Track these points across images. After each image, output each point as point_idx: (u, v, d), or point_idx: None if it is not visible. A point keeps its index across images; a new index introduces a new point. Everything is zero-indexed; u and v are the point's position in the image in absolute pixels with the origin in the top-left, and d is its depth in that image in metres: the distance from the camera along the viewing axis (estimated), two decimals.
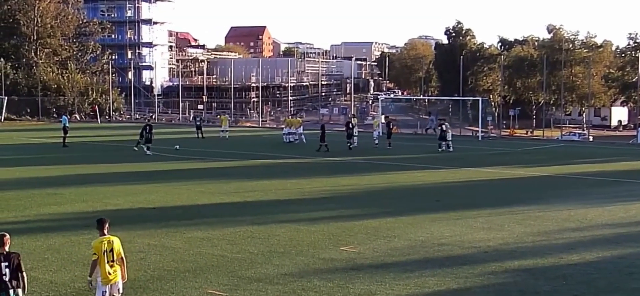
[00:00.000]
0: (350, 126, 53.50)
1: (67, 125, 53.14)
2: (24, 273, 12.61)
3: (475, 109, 78.31)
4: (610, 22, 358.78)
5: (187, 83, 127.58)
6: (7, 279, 12.32)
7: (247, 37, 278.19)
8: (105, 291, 13.38)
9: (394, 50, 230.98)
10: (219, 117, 75.48)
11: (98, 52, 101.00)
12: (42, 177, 35.20)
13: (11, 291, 12.38)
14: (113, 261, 13.40)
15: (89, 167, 39.74)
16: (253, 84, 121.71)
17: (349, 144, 51.75)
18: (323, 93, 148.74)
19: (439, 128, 55.01)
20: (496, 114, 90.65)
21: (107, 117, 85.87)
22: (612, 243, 21.87)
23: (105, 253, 13.31)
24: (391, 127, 55.18)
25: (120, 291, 13.71)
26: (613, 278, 18.04)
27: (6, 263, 12.37)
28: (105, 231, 13.54)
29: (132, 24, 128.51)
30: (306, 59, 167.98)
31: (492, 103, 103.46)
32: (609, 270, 18.71)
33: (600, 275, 18.23)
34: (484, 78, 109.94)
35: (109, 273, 13.34)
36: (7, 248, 12.56)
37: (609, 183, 36.86)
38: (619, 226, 24.83)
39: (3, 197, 28.82)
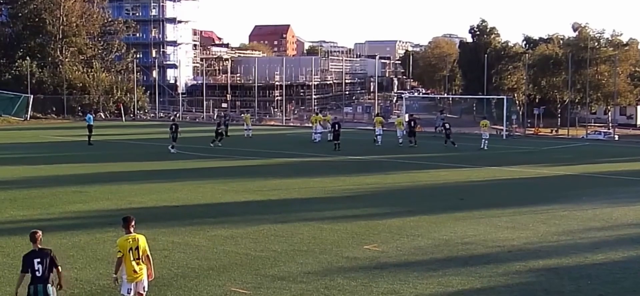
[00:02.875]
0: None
1: (92, 123, 53.20)
2: (59, 268, 13.05)
3: (499, 108, 78.08)
4: (637, 20, 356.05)
5: (211, 82, 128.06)
6: (39, 275, 12.73)
7: (271, 35, 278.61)
8: (131, 289, 13.52)
9: (417, 49, 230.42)
10: (242, 115, 75.71)
11: (123, 51, 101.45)
12: (67, 175, 35.43)
13: (49, 285, 12.80)
14: (139, 258, 13.53)
15: (113, 165, 39.96)
16: (277, 83, 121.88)
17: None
18: (347, 92, 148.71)
19: (442, 127, 55.68)
20: (521, 113, 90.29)
21: (131, 115, 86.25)
22: (638, 243, 21.74)
23: (131, 251, 13.44)
24: (412, 125, 55.11)
25: (146, 289, 13.86)
26: (639, 278, 17.92)
27: (38, 259, 12.79)
28: (131, 229, 13.69)
29: (157, 22, 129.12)
30: (330, 57, 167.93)
31: (517, 101, 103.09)
32: (635, 270, 18.60)
33: (625, 275, 18.13)
34: (509, 76, 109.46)
35: (135, 271, 13.47)
36: (39, 245, 13.06)
37: (634, 183, 36.59)
38: None
39: (29, 195, 29.07)
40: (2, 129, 68.21)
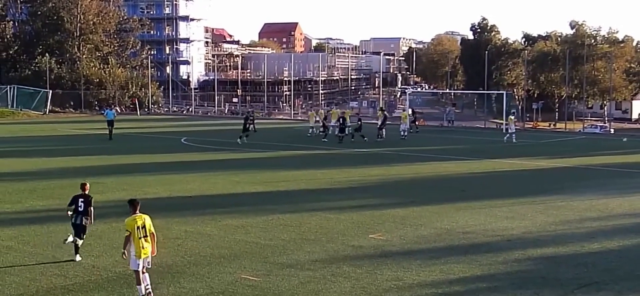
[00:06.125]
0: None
1: (113, 118, 51.40)
2: (92, 208, 17.63)
3: (499, 102, 77.95)
4: (632, 18, 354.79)
5: (223, 77, 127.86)
6: (81, 210, 17.49)
7: (279, 33, 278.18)
8: (139, 264, 14.35)
9: (421, 46, 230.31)
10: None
11: (138, 48, 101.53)
12: (84, 167, 35.49)
13: (84, 218, 17.54)
14: (145, 236, 14.46)
15: (129, 157, 40.04)
16: (285, 78, 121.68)
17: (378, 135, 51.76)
18: (352, 87, 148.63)
19: (359, 123, 52.43)
20: (520, 107, 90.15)
21: (146, 109, 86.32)
22: (632, 233, 21.70)
23: (138, 229, 14.40)
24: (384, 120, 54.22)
25: (149, 264, 14.68)
26: (634, 266, 17.90)
27: (82, 199, 17.60)
28: (137, 210, 14.71)
29: (170, 20, 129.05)
30: (336, 54, 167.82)
31: (516, 97, 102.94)
32: (630, 259, 18.58)
33: (621, 263, 18.11)
34: (508, 72, 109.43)
35: (142, 247, 14.38)
36: (87, 192, 17.79)
37: (629, 174, 36.51)
38: (639, 216, 24.62)
39: (48, 185, 29.15)
40: (22, 123, 68.40)
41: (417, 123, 62.06)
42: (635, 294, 15.72)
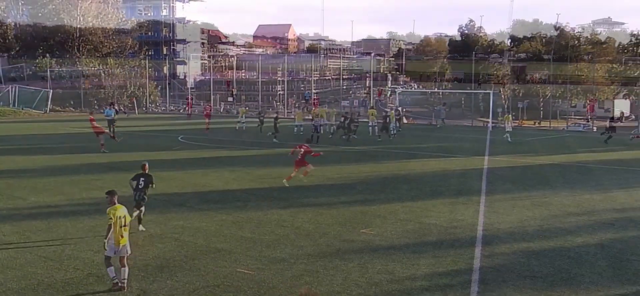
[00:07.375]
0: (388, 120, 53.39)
1: (113, 117, 51.13)
2: (154, 185, 20.22)
3: (486, 101, 78.06)
4: (614, 21, 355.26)
5: (218, 77, 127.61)
6: (141, 187, 19.61)
7: (273, 34, 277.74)
8: (116, 251, 14.86)
9: (410, 47, 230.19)
10: (239, 109, 75.50)
11: (136, 48, 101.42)
12: (84, 164, 35.42)
13: (142, 193, 19.78)
14: (125, 225, 14.96)
15: (128, 154, 39.93)
16: (279, 78, 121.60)
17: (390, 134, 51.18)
18: (344, 87, 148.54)
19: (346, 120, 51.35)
20: (505, 106, 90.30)
21: (144, 108, 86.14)
22: (614, 228, 21.80)
23: (119, 219, 14.87)
24: (387, 120, 53.75)
25: (129, 252, 15.11)
26: (615, 260, 18.01)
27: (143, 179, 19.84)
28: (115, 200, 15.17)
29: (167, 22, 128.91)
30: (329, 54, 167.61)
31: (502, 96, 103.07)
32: (611, 253, 18.68)
33: (602, 257, 18.21)
34: (495, 72, 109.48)
35: (122, 236, 14.86)
36: (146, 171, 20.26)
37: (611, 171, 36.63)
38: (620, 211, 24.75)
39: (49, 183, 29.11)
40: (24, 121, 68.22)
41: (402, 121, 62.00)
42: (616, 286, 15.82)
